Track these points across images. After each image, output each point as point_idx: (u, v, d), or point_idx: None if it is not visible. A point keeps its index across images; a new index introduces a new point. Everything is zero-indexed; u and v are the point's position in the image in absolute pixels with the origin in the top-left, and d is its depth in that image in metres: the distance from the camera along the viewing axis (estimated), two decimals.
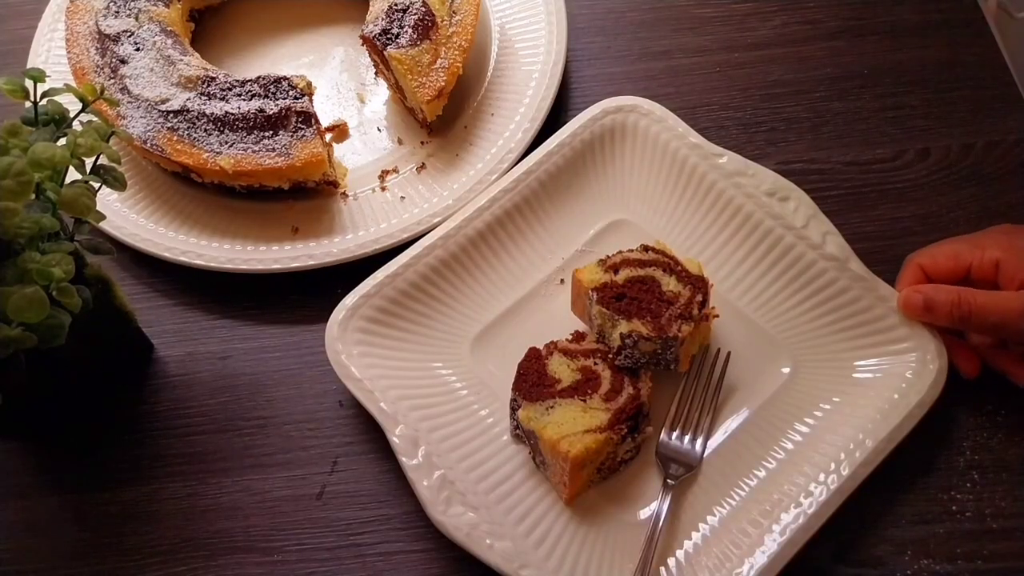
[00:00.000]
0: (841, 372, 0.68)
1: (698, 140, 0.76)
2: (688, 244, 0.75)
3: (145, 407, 0.73)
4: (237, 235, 0.77)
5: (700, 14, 0.90)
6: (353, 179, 0.81)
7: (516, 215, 0.75)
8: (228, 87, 0.77)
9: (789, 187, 0.73)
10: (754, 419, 0.68)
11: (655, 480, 0.66)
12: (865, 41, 0.87)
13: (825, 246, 0.71)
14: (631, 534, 0.63)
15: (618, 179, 0.78)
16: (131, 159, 0.82)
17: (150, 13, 0.81)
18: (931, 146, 0.81)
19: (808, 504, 0.61)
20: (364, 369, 0.68)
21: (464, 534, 0.61)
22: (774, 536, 0.61)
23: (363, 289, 0.71)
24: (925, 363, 0.66)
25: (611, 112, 0.78)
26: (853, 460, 0.62)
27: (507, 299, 0.74)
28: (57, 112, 0.59)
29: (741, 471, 0.66)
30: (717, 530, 0.63)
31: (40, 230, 0.53)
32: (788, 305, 0.71)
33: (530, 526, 0.63)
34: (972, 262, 0.67)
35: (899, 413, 0.64)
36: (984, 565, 0.63)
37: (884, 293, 0.69)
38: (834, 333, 0.70)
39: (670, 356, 0.65)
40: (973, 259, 0.67)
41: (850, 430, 0.64)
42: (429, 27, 0.79)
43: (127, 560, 0.67)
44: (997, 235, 0.68)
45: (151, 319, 0.76)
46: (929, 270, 0.68)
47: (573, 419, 0.63)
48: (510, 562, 0.61)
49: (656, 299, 0.66)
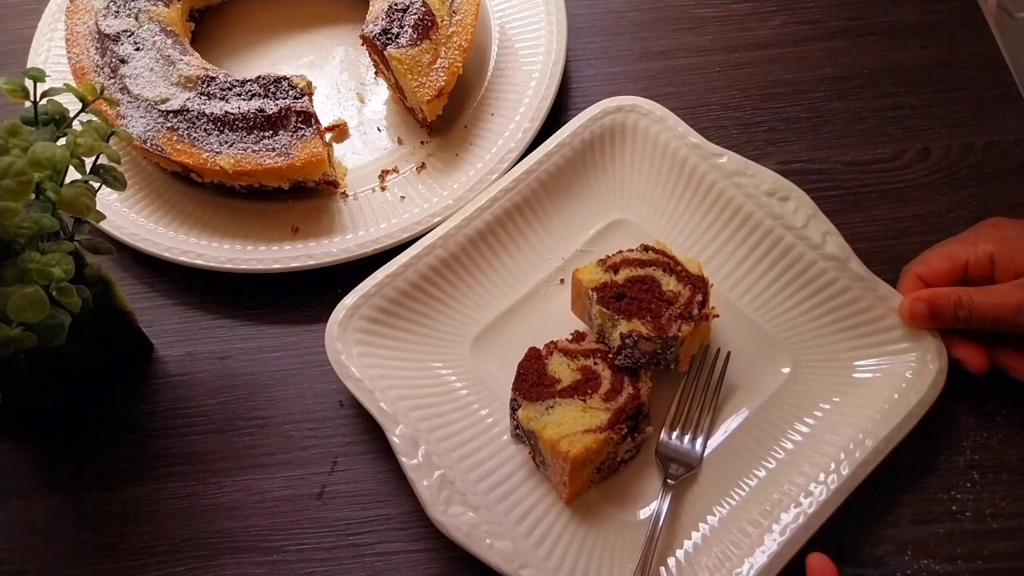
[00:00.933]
0: (841, 372, 0.68)
1: (698, 140, 0.76)
2: (688, 244, 0.75)
3: (145, 407, 0.73)
4: (237, 235, 0.77)
5: (700, 14, 0.90)
6: (353, 179, 0.81)
7: (516, 215, 0.75)
8: (228, 87, 0.77)
9: (789, 187, 0.73)
10: (754, 419, 0.68)
11: (655, 480, 0.66)
12: (865, 41, 0.87)
13: (825, 246, 0.71)
14: (631, 534, 0.63)
15: (618, 179, 0.78)
16: (131, 159, 0.82)
17: (150, 13, 0.81)
18: (931, 146, 0.81)
19: (808, 504, 0.61)
20: (364, 369, 0.68)
21: (464, 534, 0.61)
22: (774, 536, 0.61)
23: (363, 289, 0.71)
24: (925, 363, 0.66)
25: (611, 112, 0.78)
26: (853, 460, 0.62)
27: (507, 299, 0.74)
28: (57, 112, 0.59)
29: (741, 471, 0.66)
30: (717, 530, 0.63)
31: (40, 230, 0.53)
32: (788, 305, 0.71)
33: (530, 526, 0.63)
34: (967, 259, 0.67)
35: (899, 413, 0.64)
36: (984, 565, 0.63)
37: (884, 293, 0.69)
38: (834, 333, 0.70)
39: (670, 356, 0.65)
40: (968, 256, 0.67)
41: (850, 430, 0.64)
42: (429, 27, 0.79)
43: (127, 560, 0.67)
44: (987, 228, 0.69)
45: (151, 319, 0.76)
46: (927, 277, 0.68)
47: (573, 419, 0.63)
48: (510, 562, 0.61)
49: (656, 299, 0.66)
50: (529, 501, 0.65)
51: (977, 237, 0.68)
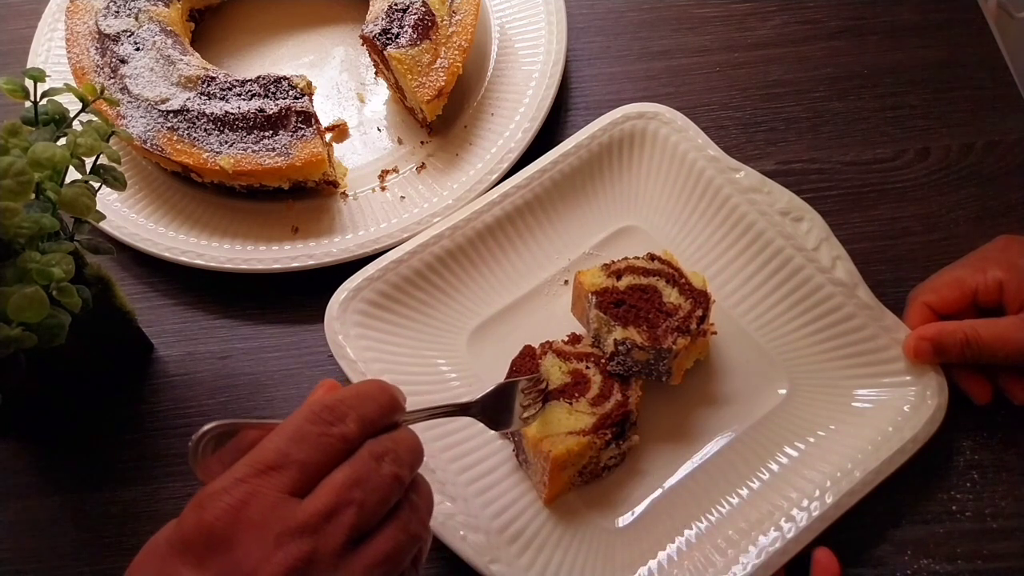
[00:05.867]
0: (838, 399, 0.67)
1: (717, 153, 0.75)
2: (697, 256, 0.74)
3: (145, 407, 0.72)
4: (237, 235, 0.77)
5: (700, 14, 0.90)
6: (353, 179, 0.81)
7: (526, 212, 0.75)
8: (228, 87, 0.77)
9: (803, 208, 0.72)
10: (744, 438, 0.67)
11: (638, 488, 0.65)
12: (865, 41, 0.87)
13: (834, 270, 0.70)
14: (607, 540, 0.63)
15: (632, 185, 0.77)
16: (131, 159, 0.82)
17: (150, 13, 0.81)
18: (931, 146, 0.81)
19: (788, 529, 0.61)
20: (360, 351, 0.68)
21: (438, 523, 0.61)
22: (749, 557, 0.60)
23: (367, 272, 0.71)
24: (924, 398, 0.65)
25: (632, 118, 0.77)
26: (839, 489, 0.62)
27: (510, 295, 0.74)
28: (57, 112, 0.59)
29: (725, 488, 0.65)
30: (693, 544, 0.62)
31: (40, 230, 0.53)
32: (791, 327, 0.70)
33: (506, 522, 0.63)
34: (976, 287, 0.66)
35: (891, 447, 0.63)
36: (984, 565, 0.63)
37: (890, 323, 0.68)
38: (835, 359, 0.69)
39: (663, 368, 0.65)
40: (977, 283, 0.66)
41: (839, 458, 0.63)
42: (429, 27, 0.79)
43: (127, 560, 0.66)
44: (995, 253, 0.68)
45: (151, 319, 0.76)
46: (936, 306, 0.67)
47: (558, 420, 0.63)
48: (481, 556, 0.60)
49: (655, 309, 0.66)
50: (508, 497, 0.64)
51: (986, 263, 0.67)
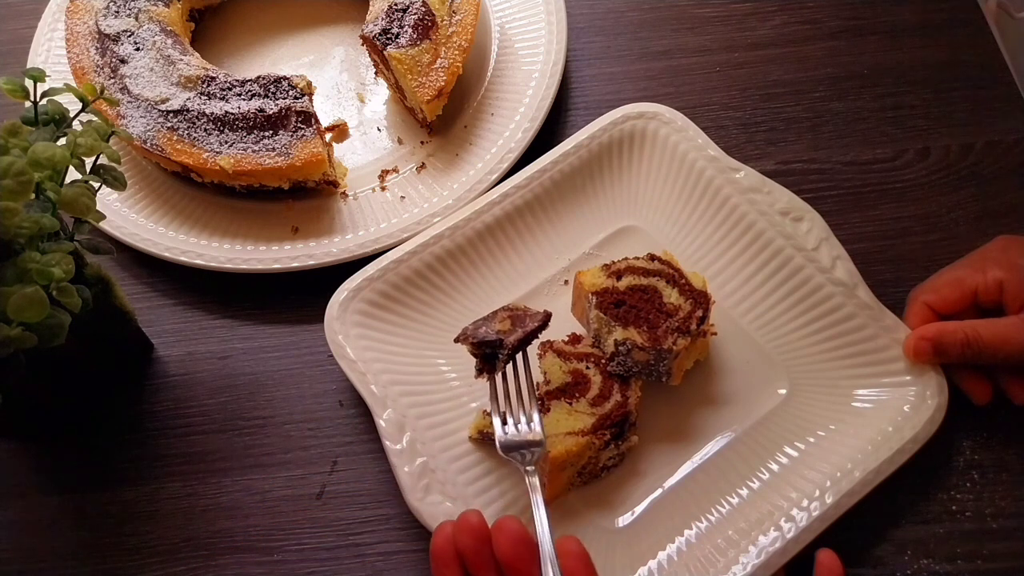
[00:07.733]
0: (838, 399, 0.67)
1: (717, 153, 0.75)
2: (697, 256, 0.74)
3: (145, 407, 0.73)
4: (237, 235, 0.77)
5: (700, 14, 0.90)
6: (353, 179, 0.81)
7: (526, 212, 0.75)
8: (228, 87, 0.77)
9: (803, 208, 0.72)
10: (743, 438, 0.67)
11: (638, 489, 0.65)
12: (865, 41, 0.87)
13: (834, 270, 0.70)
14: (607, 540, 0.63)
15: (632, 185, 0.78)
16: (131, 159, 0.82)
17: (150, 13, 0.81)
18: (931, 146, 0.81)
19: (788, 529, 0.61)
20: (360, 351, 0.68)
21: (438, 522, 0.61)
22: (750, 557, 0.60)
23: (367, 272, 0.71)
24: (924, 398, 0.65)
25: (632, 118, 0.77)
26: (838, 489, 0.62)
27: (510, 295, 0.74)
28: (57, 112, 0.59)
29: (724, 489, 0.65)
30: (693, 544, 0.62)
31: (40, 230, 0.53)
32: (792, 327, 0.70)
33: None
34: (976, 286, 0.66)
35: (891, 447, 0.63)
36: (984, 565, 0.63)
37: (890, 323, 0.68)
38: (835, 359, 0.69)
39: (662, 368, 0.65)
40: (977, 283, 0.66)
41: (839, 458, 0.64)
42: (429, 27, 0.79)
43: (127, 560, 0.67)
44: (996, 253, 0.68)
45: (151, 319, 0.76)
46: (936, 305, 0.67)
47: (557, 420, 0.63)
48: None
49: (655, 310, 0.66)
50: (508, 498, 0.64)
51: (986, 263, 0.67)
